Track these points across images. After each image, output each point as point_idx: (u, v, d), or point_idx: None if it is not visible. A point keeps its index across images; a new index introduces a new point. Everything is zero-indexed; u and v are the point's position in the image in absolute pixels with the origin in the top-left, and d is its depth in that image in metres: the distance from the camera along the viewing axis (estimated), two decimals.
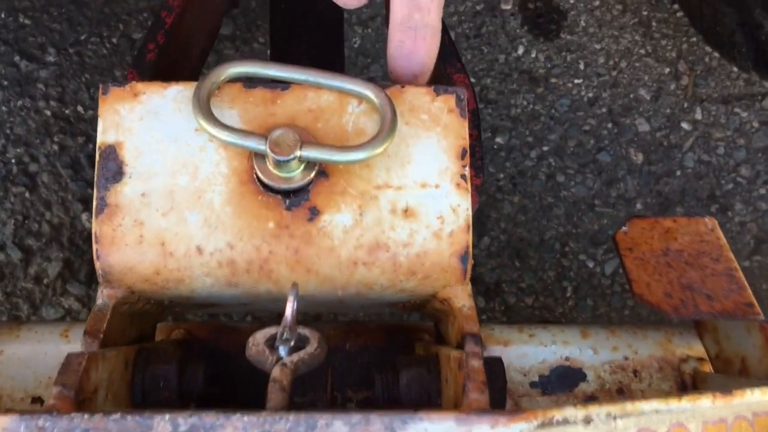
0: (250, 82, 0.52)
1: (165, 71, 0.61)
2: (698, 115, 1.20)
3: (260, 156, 0.49)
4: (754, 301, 0.63)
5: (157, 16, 0.61)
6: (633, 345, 0.74)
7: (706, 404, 0.49)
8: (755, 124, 1.20)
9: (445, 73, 0.64)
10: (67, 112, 1.16)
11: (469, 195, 0.51)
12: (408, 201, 0.51)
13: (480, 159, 0.61)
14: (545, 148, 1.20)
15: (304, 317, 0.99)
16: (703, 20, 1.01)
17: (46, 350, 0.69)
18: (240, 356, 0.61)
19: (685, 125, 1.20)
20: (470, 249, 0.51)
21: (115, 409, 0.39)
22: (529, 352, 0.73)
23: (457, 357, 0.46)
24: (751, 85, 1.20)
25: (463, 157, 0.52)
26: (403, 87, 0.53)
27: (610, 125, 1.20)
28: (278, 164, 0.48)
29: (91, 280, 1.14)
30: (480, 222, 1.18)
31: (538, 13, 1.22)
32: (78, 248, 1.13)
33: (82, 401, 0.41)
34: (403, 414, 0.39)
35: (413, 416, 0.39)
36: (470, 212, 0.51)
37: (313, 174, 0.50)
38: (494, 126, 1.21)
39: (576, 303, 1.16)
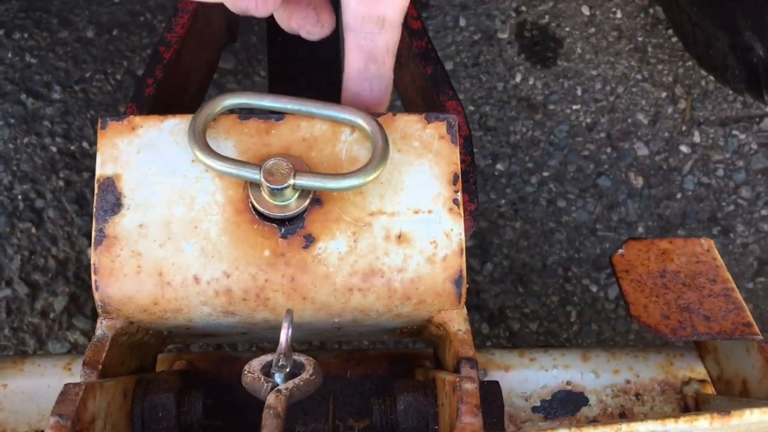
0: (245, 113, 0.53)
1: (164, 105, 0.62)
2: (697, 138, 1.21)
3: (255, 185, 0.50)
4: (752, 321, 0.63)
5: (155, 51, 0.63)
6: (634, 368, 0.74)
7: (703, 425, 0.49)
8: (754, 146, 1.20)
9: (438, 101, 0.65)
10: (72, 148, 1.18)
11: (462, 219, 0.52)
12: (401, 227, 0.52)
13: (474, 184, 0.62)
14: (545, 174, 1.21)
15: (308, 347, 0.99)
16: (696, 44, 1.02)
17: (49, 383, 0.70)
18: (242, 386, 0.62)
19: (683, 148, 1.21)
20: (464, 273, 0.52)
21: None
22: (530, 377, 0.73)
23: (452, 381, 0.46)
24: (748, 107, 1.21)
25: (455, 182, 0.53)
26: (394, 115, 0.54)
27: (609, 150, 1.21)
28: (273, 193, 0.49)
29: (96, 314, 1.15)
30: (482, 248, 1.18)
31: (535, 41, 1.24)
32: (84, 282, 1.14)
33: (79, 431, 0.42)
34: None
35: None
36: (463, 236, 0.52)
37: (307, 202, 0.51)
38: (494, 153, 1.22)
39: (580, 328, 1.16)
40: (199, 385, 0.64)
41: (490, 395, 0.53)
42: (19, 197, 1.16)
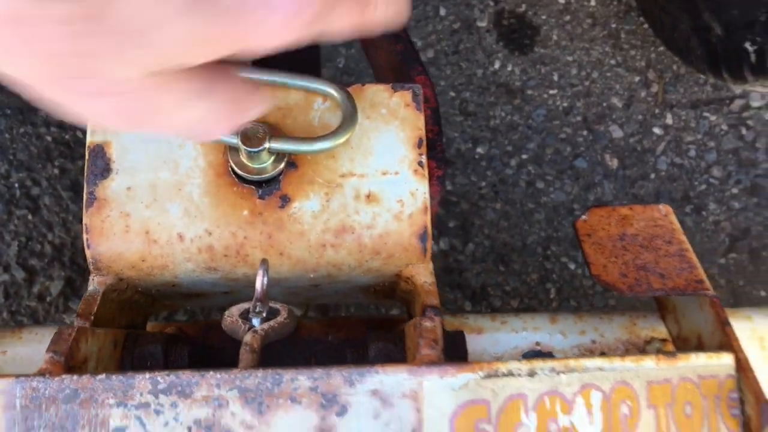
0: None
1: None
2: (669, 120, 1.25)
3: (234, 150, 0.54)
4: (705, 278, 0.67)
5: None
6: (599, 329, 0.78)
7: (649, 365, 0.53)
8: (724, 127, 1.25)
9: (408, 76, 0.69)
10: (66, 137, 1.22)
11: (426, 180, 0.56)
12: (370, 187, 0.56)
13: (441, 152, 0.66)
14: (524, 157, 1.25)
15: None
16: (663, 29, 1.06)
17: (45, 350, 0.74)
18: (228, 349, 0.66)
19: (656, 130, 1.25)
20: (429, 229, 0.56)
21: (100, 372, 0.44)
22: (501, 338, 0.77)
23: (414, 322, 0.50)
24: (718, 90, 1.26)
25: (419, 146, 0.57)
26: (363, 85, 0.58)
27: (585, 133, 1.25)
28: (250, 156, 0.53)
29: None
30: (464, 229, 1.23)
31: (512, 29, 1.28)
32: (79, 267, 1.18)
33: (71, 368, 0.46)
34: (361, 368, 0.43)
35: (370, 370, 0.43)
36: (428, 196, 0.56)
37: (282, 165, 0.55)
38: (474, 137, 1.26)
39: (559, 304, 1.20)
40: (186, 342, 0.68)
41: (455, 343, 0.58)
42: (16, 185, 1.20)
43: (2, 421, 0.42)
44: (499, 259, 1.21)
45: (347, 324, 0.78)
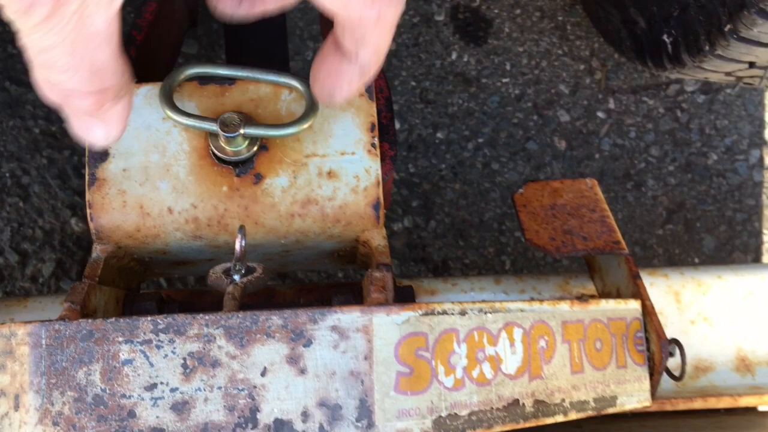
0: (204, 80, 0.67)
1: (138, 77, 0.76)
2: (611, 105, 1.37)
3: (214, 135, 0.64)
4: (621, 240, 0.78)
5: (129, 35, 0.76)
6: (537, 287, 0.88)
7: (564, 308, 0.64)
8: (661, 110, 1.37)
9: None
10: (53, 129, 1.30)
11: (378, 159, 0.66)
12: (331, 165, 0.66)
13: (393, 135, 0.76)
14: (480, 140, 1.36)
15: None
16: (600, 21, 1.17)
17: (49, 317, 0.83)
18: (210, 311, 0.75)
19: (600, 114, 1.36)
20: (381, 200, 0.66)
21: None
22: (452, 298, 0.87)
23: (367, 274, 0.61)
24: (656, 76, 1.37)
25: (372, 130, 0.67)
26: None
27: (535, 117, 1.36)
28: (228, 140, 0.63)
29: (81, 277, 1.28)
30: (426, 208, 1.33)
31: (467, 22, 1.39)
32: (69, 249, 1.27)
33: (85, 315, 0.56)
34: (323, 309, 0.54)
35: (330, 310, 0.53)
36: (380, 172, 0.66)
37: (256, 148, 0.65)
38: (434, 123, 1.36)
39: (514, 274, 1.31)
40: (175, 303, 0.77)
41: (405, 295, 0.68)
42: (7, 175, 1.28)
43: (31, 356, 0.52)
44: (458, 235, 1.32)
45: (316, 288, 0.88)
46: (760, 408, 1.15)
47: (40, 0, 0.34)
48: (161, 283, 1.22)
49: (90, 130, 0.45)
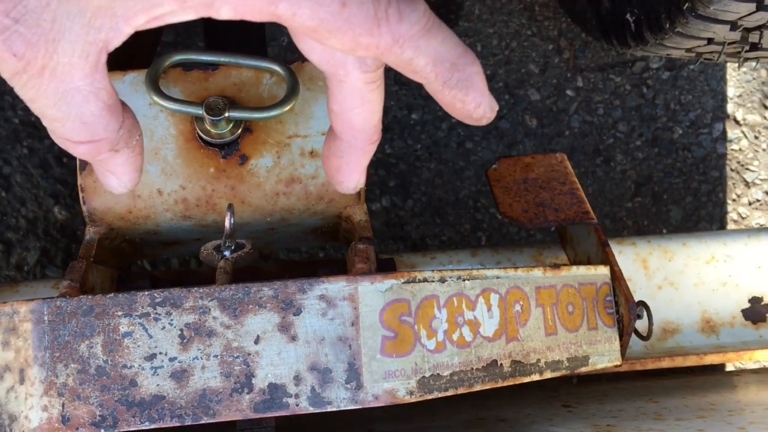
0: (188, 66, 0.70)
1: (123, 65, 0.78)
2: (580, 83, 1.41)
3: (199, 119, 0.67)
4: (590, 210, 0.82)
5: None
6: (512, 258, 0.92)
7: (537, 275, 0.68)
8: (628, 87, 1.41)
9: None
10: (32, 118, 1.31)
11: None
12: (313, 145, 0.69)
13: None
14: (454, 121, 1.39)
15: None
16: (566, 2, 1.21)
17: None
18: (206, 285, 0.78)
19: (569, 92, 1.40)
20: None
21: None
22: None
23: (352, 247, 0.64)
24: (621, 54, 1.42)
25: None
26: (303, 62, 0.71)
27: (507, 97, 1.40)
28: (213, 123, 0.66)
29: (66, 264, 1.30)
30: (403, 187, 1.37)
31: (438, 5, 1.42)
32: (52, 237, 1.29)
33: (84, 292, 0.58)
34: (311, 279, 0.57)
35: (317, 280, 0.57)
36: None
37: (240, 130, 0.67)
38: (409, 104, 1.40)
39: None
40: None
41: (386, 267, 0.72)
42: None
43: (34, 332, 0.54)
44: (435, 213, 1.36)
45: (301, 265, 0.91)
46: (728, 368, 1.20)
47: (6, 56, 0.34)
48: (146, 267, 1.25)
49: (104, 177, 0.45)
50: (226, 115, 0.65)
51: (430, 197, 1.36)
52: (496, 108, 0.42)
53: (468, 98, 0.40)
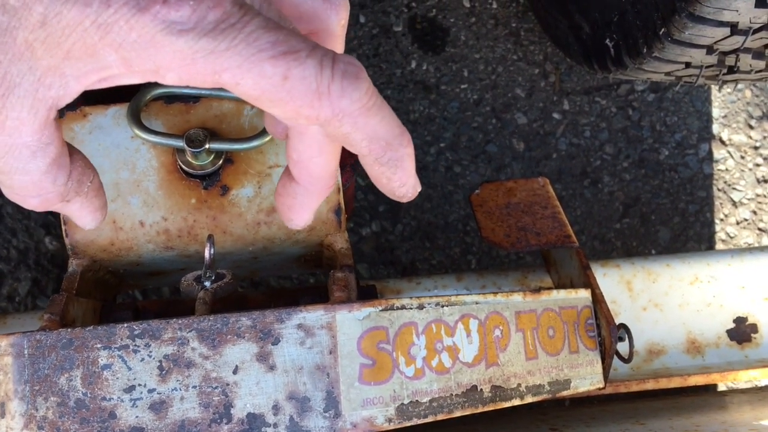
0: (169, 99, 0.71)
1: (108, 98, 0.79)
2: (566, 106, 1.42)
3: (180, 151, 0.68)
4: (572, 234, 0.83)
5: None
6: (497, 282, 0.93)
7: (517, 299, 0.68)
8: (613, 109, 1.43)
9: None
10: None
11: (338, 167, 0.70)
12: None
13: None
14: (442, 145, 1.40)
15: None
16: (549, 28, 1.22)
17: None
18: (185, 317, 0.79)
19: (556, 115, 1.42)
20: (342, 205, 0.70)
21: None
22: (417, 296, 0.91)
23: (331, 275, 0.65)
24: (605, 78, 1.43)
25: None
26: None
27: (494, 121, 1.41)
28: (194, 155, 0.67)
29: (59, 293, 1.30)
30: (393, 212, 1.38)
31: (425, 32, 1.44)
32: (44, 268, 1.29)
33: (64, 325, 0.59)
34: (289, 309, 0.57)
35: (295, 309, 0.57)
36: (340, 179, 0.70)
37: (221, 161, 0.68)
38: None
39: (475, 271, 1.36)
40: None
41: (368, 294, 0.72)
42: None
43: (14, 366, 0.55)
44: (425, 237, 1.37)
45: (286, 293, 0.92)
46: (720, 387, 1.20)
47: None
48: (137, 296, 1.25)
49: (72, 217, 0.45)
50: (207, 146, 0.65)
51: (420, 221, 1.36)
52: (419, 189, 0.45)
53: (395, 177, 0.42)
